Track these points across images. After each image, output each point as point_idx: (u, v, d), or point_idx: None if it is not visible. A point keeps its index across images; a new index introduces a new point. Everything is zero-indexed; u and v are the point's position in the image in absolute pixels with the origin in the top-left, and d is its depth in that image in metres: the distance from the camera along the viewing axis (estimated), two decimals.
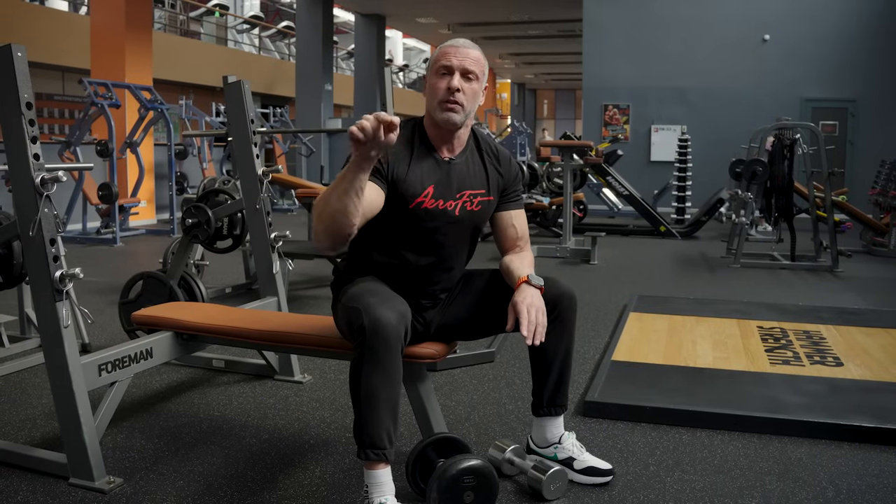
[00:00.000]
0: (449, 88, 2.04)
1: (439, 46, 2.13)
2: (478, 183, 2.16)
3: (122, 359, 2.37)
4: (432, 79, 2.09)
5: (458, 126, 2.09)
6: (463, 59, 2.06)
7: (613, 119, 12.37)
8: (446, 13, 16.76)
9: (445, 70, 2.06)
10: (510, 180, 2.23)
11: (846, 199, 8.59)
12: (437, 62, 2.08)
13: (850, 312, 4.50)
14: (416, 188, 2.06)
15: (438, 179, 2.10)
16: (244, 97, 3.26)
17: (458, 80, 2.05)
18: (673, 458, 2.43)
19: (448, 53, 2.07)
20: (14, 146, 2.11)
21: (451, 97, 2.04)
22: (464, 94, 2.05)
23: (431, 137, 2.13)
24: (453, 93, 2.04)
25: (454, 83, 2.04)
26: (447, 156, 2.13)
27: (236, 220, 4.00)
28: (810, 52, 11.38)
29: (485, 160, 2.19)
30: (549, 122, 35.14)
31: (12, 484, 2.18)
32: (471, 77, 2.07)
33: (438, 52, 2.11)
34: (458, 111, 2.06)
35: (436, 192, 2.08)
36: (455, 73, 2.05)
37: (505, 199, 2.23)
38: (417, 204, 2.06)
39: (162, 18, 17.26)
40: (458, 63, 2.05)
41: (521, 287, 2.05)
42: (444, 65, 2.06)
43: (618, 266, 6.60)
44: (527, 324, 1.97)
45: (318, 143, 13.55)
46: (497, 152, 2.24)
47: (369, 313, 1.84)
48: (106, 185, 7.75)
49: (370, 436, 1.86)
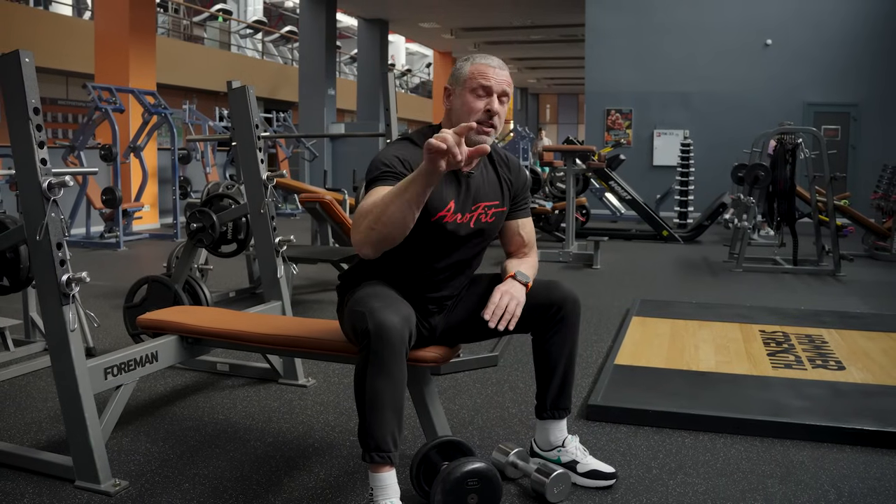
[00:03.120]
0: (489, 111, 2.04)
1: (471, 60, 2.10)
2: (492, 194, 2.16)
3: (127, 362, 2.38)
4: (467, 96, 2.07)
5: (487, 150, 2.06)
6: (501, 82, 2.06)
7: (616, 124, 12.38)
8: (449, 18, 16.79)
9: (484, 91, 2.05)
10: (519, 188, 2.24)
11: (848, 204, 8.58)
12: (474, 79, 2.06)
13: (852, 316, 4.50)
14: (440, 202, 2.05)
15: (458, 193, 2.09)
16: (249, 102, 3.27)
17: (496, 102, 2.05)
18: (675, 461, 2.43)
19: (486, 74, 2.06)
20: (21, 151, 2.13)
21: (490, 120, 2.05)
22: (499, 116, 2.06)
23: None
24: (492, 116, 2.05)
25: (495, 107, 2.05)
26: (466, 169, 2.09)
27: (241, 225, 4.01)
28: (812, 57, 11.39)
29: (498, 170, 2.20)
30: (551, 126, 35.13)
31: (18, 486, 2.19)
32: (504, 99, 2.08)
33: (473, 68, 2.07)
34: (491, 134, 2.07)
35: (456, 207, 2.08)
36: (494, 96, 2.05)
37: (514, 208, 2.24)
38: (440, 218, 2.05)
39: (165, 23, 17.32)
40: (497, 85, 2.05)
41: (507, 279, 2.10)
42: (483, 84, 2.05)
43: (620, 270, 6.61)
44: (493, 308, 2.01)
45: (321, 147, 13.57)
46: (508, 160, 2.24)
47: (374, 317, 1.85)
48: (110, 190, 7.77)
49: (375, 439, 1.87)
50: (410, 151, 2.05)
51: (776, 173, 6.61)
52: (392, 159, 2.00)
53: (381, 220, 1.81)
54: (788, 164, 6.60)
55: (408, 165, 1.98)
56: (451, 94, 2.12)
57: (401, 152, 2.03)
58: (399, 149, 2.07)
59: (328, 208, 5.27)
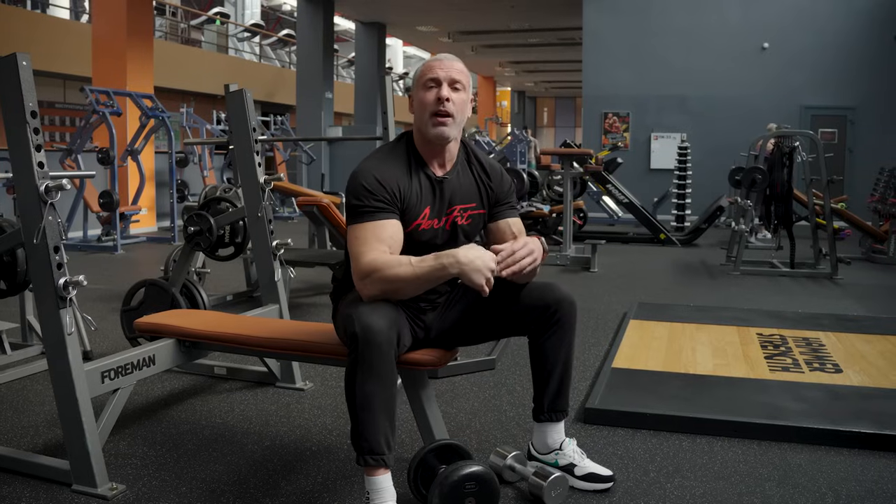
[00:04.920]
0: (439, 98, 2.06)
1: (421, 63, 2.15)
2: (469, 197, 2.18)
3: (124, 366, 2.38)
4: (420, 93, 2.11)
5: (449, 140, 2.10)
6: (449, 70, 2.09)
7: (613, 127, 12.40)
8: (446, 21, 16.81)
9: (433, 82, 2.08)
10: (502, 193, 2.24)
11: (845, 207, 8.60)
12: (423, 76, 2.11)
13: (849, 319, 4.51)
14: (415, 210, 2.08)
15: (433, 199, 2.12)
16: (246, 106, 3.27)
17: (446, 89, 2.07)
18: (673, 464, 2.43)
19: (433, 67, 2.10)
20: (19, 154, 2.12)
21: (442, 107, 2.06)
22: (453, 103, 2.07)
23: (423, 154, 2.14)
24: (443, 102, 2.06)
25: (443, 93, 2.06)
26: (439, 173, 2.14)
27: (238, 228, 4.01)
28: (809, 60, 11.42)
29: (475, 173, 2.21)
30: (548, 129, 35.19)
31: (15, 490, 2.18)
32: (458, 87, 2.09)
33: (422, 67, 2.13)
34: (449, 123, 2.07)
35: (431, 213, 2.11)
36: (443, 84, 2.07)
37: (500, 209, 2.24)
38: (416, 226, 2.09)
39: (163, 26, 17.31)
40: (445, 74, 2.08)
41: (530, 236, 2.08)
42: (430, 77, 2.09)
43: (618, 274, 6.62)
44: (505, 254, 1.98)
45: (319, 151, 13.58)
46: (487, 166, 2.25)
47: (360, 320, 1.86)
48: (107, 193, 7.77)
49: (368, 442, 1.88)
50: (388, 166, 2.08)
51: (773, 176, 6.63)
52: (372, 183, 2.02)
53: (395, 293, 1.97)
54: (786, 167, 6.62)
55: (389, 189, 2.03)
56: (412, 100, 2.15)
57: (379, 170, 2.06)
58: (378, 164, 2.09)
59: (326, 212, 5.27)
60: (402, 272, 1.94)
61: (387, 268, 1.94)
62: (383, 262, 1.95)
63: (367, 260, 1.96)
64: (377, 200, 2.01)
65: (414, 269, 1.94)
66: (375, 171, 2.05)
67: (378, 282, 1.95)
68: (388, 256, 1.98)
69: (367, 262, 1.96)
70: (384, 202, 2.02)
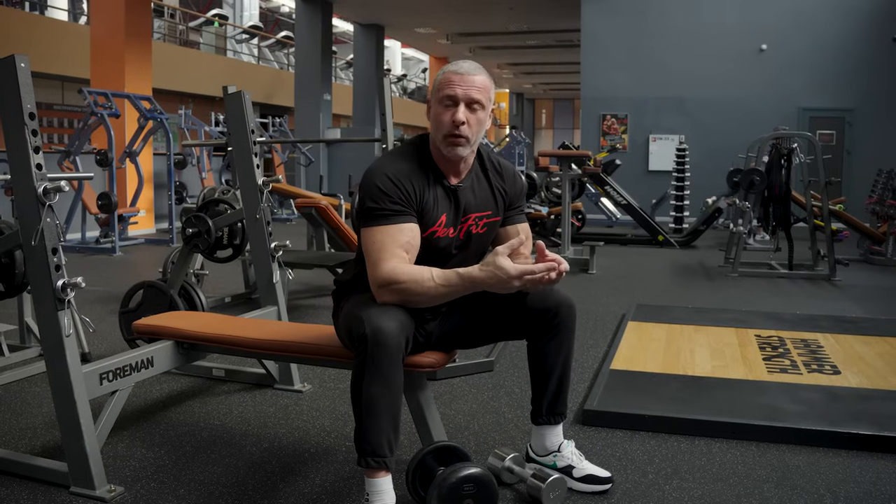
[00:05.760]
0: (454, 122, 2.00)
1: (443, 69, 2.07)
2: (484, 205, 2.14)
3: (123, 368, 2.38)
4: (437, 108, 2.05)
5: (464, 157, 2.07)
6: (468, 88, 2.00)
7: (611, 129, 12.42)
8: (445, 23, 16.83)
9: (450, 100, 2.01)
10: (515, 196, 2.21)
11: (843, 208, 8.62)
12: (441, 90, 2.03)
13: (847, 321, 4.51)
14: (432, 218, 2.04)
15: (449, 207, 2.08)
16: (245, 108, 3.27)
17: (462, 112, 1.99)
18: (671, 466, 2.43)
19: (452, 82, 2.02)
20: (17, 156, 2.12)
21: (457, 131, 2.00)
22: (469, 126, 2.01)
23: (438, 163, 2.09)
24: (458, 126, 2.00)
25: (459, 116, 1.99)
26: (454, 181, 2.09)
27: (236, 230, 4.01)
28: (808, 62, 11.44)
29: (491, 180, 2.16)
30: (547, 131, 35.22)
31: (13, 493, 2.18)
32: (476, 107, 2.02)
33: (442, 77, 2.05)
34: (463, 144, 2.02)
35: (448, 221, 2.07)
36: (460, 105, 2.00)
37: (510, 213, 2.21)
38: (431, 233, 2.05)
39: (161, 28, 17.31)
40: (463, 93, 2.00)
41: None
42: (447, 94, 2.01)
43: (616, 275, 6.62)
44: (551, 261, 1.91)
45: (317, 152, 13.58)
46: (501, 168, 2.21)
47: (371, 322, 1.84)
48: (105, 195, 7.77)
49: (371, 444, 1.87)
50: (403, 168, 2.03)
51: (772, 178, 6.63)
52: (386, 184, 1.98)
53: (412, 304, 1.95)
54: (784, 169, 6.62)
55: (404, 190, 1.98)
56: (430, 106, 2.11)
57: (393, 169, 2.01)
58: (391, 164, 2.04)
59: (324, 213, 5.27)
60: (425, 289, 1.92)
61: (409, 281, 1.91)
62: (404, 273, 1.92)
63: (387, 269, 1.93)
64: (393, 202, 1.97)
65: (437, 286, 1.92)
66: (389, 171, 2.00)
67: (397, 293, 1.92)
68: (409, 267, 1.94)
69: (387, 270, 1.92)
70: (401, 203, 1.97)
